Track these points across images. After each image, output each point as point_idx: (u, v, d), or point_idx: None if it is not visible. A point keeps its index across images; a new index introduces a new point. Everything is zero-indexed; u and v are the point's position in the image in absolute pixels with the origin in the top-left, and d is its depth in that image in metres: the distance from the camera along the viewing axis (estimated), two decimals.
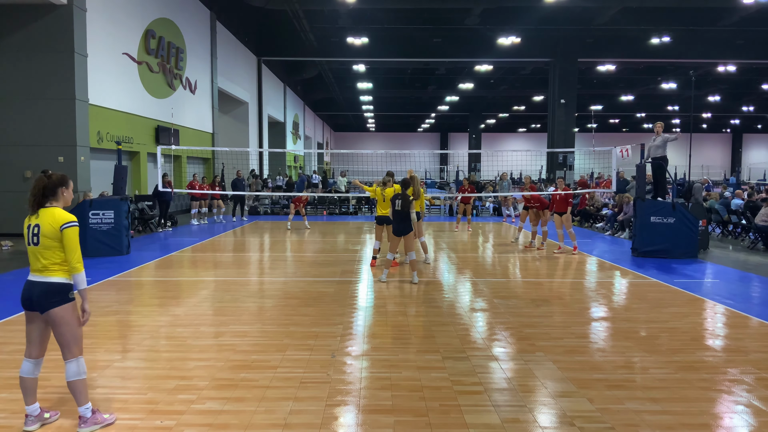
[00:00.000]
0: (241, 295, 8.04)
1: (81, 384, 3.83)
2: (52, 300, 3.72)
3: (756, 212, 13.41)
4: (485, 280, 9.30)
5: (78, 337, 3.85)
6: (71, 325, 3.79)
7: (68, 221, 3.72)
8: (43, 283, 3.72)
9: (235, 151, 22.12)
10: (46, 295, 3.71)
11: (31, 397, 3.88)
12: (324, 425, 3.97)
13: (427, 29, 30.28)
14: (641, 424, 3.99)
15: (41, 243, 3.71)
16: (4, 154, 13.97)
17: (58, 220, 3.71)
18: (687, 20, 27.90)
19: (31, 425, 3.86)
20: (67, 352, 3.81)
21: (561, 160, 31.94)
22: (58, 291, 3.73)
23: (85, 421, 3.83)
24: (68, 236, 3.70)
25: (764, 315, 7.01)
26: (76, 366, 3.81)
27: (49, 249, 3.72)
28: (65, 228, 3.70)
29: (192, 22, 22.31)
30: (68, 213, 3.81)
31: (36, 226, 3.73)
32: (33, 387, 3.90)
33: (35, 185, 3.79)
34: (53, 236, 3.71)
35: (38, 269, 3.75)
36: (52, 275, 3.73)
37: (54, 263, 3.74)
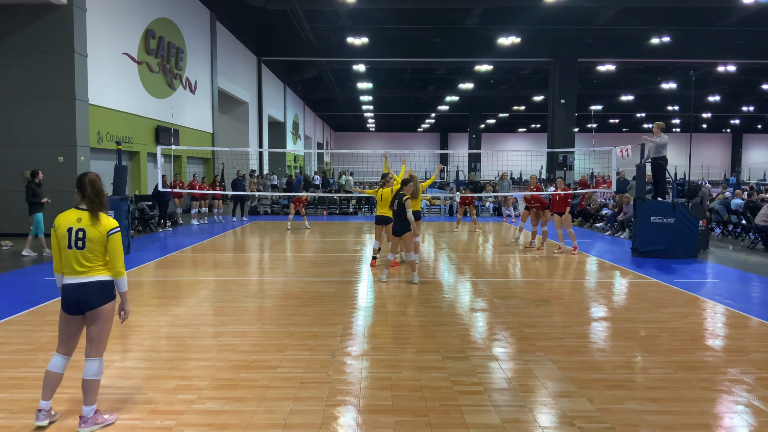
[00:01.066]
0: (241, 295, 8.04)
1: (96, 384, 3.91)
2: (100, 297, 3.86)
3: (756, 212, 13.41)
4: (485, 280, 9.30)
5: (107, 337, 3.98)
6: (109, 323, 3.94)
7: (113, 227, 3.89)
8: (92, 282, 3.85)
9: (235, 151, 22.11)
10: (97, 293, 3.85)
11: (49, 393, 3.91)
12: (324, 425, 3.97)
13: (427, 29, 30.26)
14: (641, 424, 3.99)
15: (87, 247, 3.83)
16: (4, 154, 13.97)
17: (106, 226, 3.86)
18: (687, 20, 27.89)
19: (42, 420, 3.89)
20: (95, 349, 3.90)
21: (561, 160, 31.94)
22: (107, 288, 3.90)
23: (85, 421, 3.86)
24: (114, 241, 3.87)
25: (764, 315, 7.02)
26: (98, 366, 3.90)
27: (94, 252, 3.85)
28: (111, 234, 3.87)
29: (192, 22, 22.30)
30: (112, 219, 3.96)
31: (81, 230, 3.82)
32: (56, 383, 3.94)
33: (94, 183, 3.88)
34: (99, 241, 3.84)
35: (80, 272, 3.83)
36: (96, 274, 3.87)
37: (99, 264, 3.88)
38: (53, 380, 3.91)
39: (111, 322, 3.95)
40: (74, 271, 3.84)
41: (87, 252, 3.82)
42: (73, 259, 3.82)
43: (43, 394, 3.90)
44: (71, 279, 3.84)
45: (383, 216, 10.01)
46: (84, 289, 3.83)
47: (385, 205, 9.88)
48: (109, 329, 3.96)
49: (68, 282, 3.85)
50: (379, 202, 10.07)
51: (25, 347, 5.60)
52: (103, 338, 3.91)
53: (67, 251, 3.83)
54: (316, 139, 55.99)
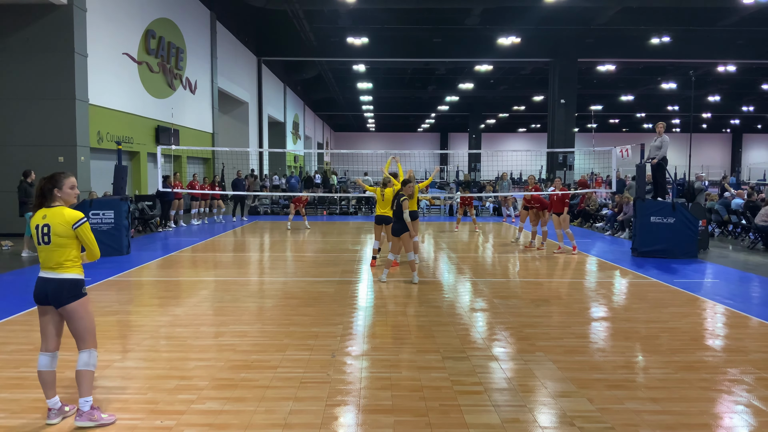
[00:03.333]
0: (241, 295, 8.04)
1: (88, 375, 3.93)
2: (67, 295, 3.86)
3: (756, 212, 13.41)
4: (485, 280, 9.30)
5: (92, 330, 3.99)
6: (85, 318, 3.94)
7: (77, 219, 3.88)
8: (57, 279, 3.86)
9: (235, 151, 22.11)
10: (61, 291, 3.85)
11: (50, 391, 3.97)
12: (324, 425, 3.97)
13: (427, 29, 30.26)
14: (641, 424, 3.99)
15: (53, 242, 3.84)
16: (4, 154, 13.97)
17: (69, 220, 3.86)
18: (687, 20, 27.88)
19: (54, 418, 3.94)
20: (82, 343, 3.95)
21: (561, 160, 31.93)
22: (72, 287, 3.89)
23: (81, 414, 3.89)
24: (82, 233, 3.90)
25: (764, 315, 7.01)
26: (88, 356, 3.94)
27: (62, 247, 3.86)
28: (77, 227, 3.88)
29: (192, 22, 22.31)
30: (76, 211, 3.95)
31: (45, 226, 3.85)
32: (51, 380, 3.97)
33: (36, 186, 3.97)
34: (66, 234, 3.86)
35: (51, 267, 3.88)
36: (66, 272, 3.88)
37: (67, 260, 3.88)
38: (47, 378, 3.95)
39: (86, 317, 3.94)
40: (45, 266, 3.90)
41: (54, 246, 3.84)
42: (43, 254, 3.88)
43: (45, 394, 3.97)
44: (44, 273, 3.90)
45: (383, 216, 10.01)
46: (50, 285, 3.86)
47: (387, 204, 9.89)
48: (90, 322, 3.96)
49: (41, 275, 3.91)
50: (380, 202, 10.06)
51: (25, 347, 5.60)
52: (84, 333, 3.93)
53: (38, 248, 3.90)
54: (316, 139, 55.99)
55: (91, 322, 3.98)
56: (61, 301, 3.86)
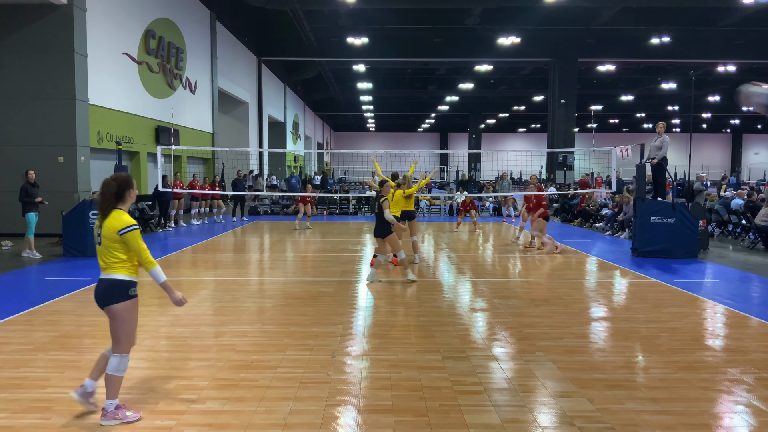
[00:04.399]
0: (241, 295, 8.04)
1: (116, 380, 3.97)
2: (112, 296, 3.90)
3: (756, 212, 13.41)
4: (485, 280, 9.30)
5: (130, 335, 4.00)
6: (126, 322, 3.95)
7: (125, 227, 3.88)
8: (105, 279, 3.94)
9: (235, 151, 22.12)
10: (107, 291, 3.91)
11: (95, 373, 4.08)
12: (324, 425, 3.97)
13: (427, 29, 30.25)
14: (641, 424, 3.99)
15: (103, 243, 3.94)
16: (4, 154, 13.97)
17: (117, 225, 3.90)
18: (687, 20, 27.88)
19: (76, 395, 4.03)
20: (116, 346, 3.98)
21: (561, 160, 31.93)
22: (116, 288, 3.92)
23: (105, 414, 3.95)
24: (129, 240, 3.89)
25: (764, 315, 7.01)
26: (118, 362, 3.96)
27: (109, 249, 3.93)
28: (123, 234, 3.88)
29: (192, 22, 22.30)
30: (129, 218, 3.97)
31: (101, 227, 3.96)
32: (102, 368, 4.06)
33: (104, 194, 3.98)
34: (112, 238, 3.91)
35: (102, 267, 3.98)
36: (112, 272, 3.93)
37: (113, 261, 3.93)
38: (100, 362, 4.08)
39: (127, 322, 3.95)
40: (100, 267, 4.00)
41: (103, 248, 3.93)
42: (98, 254, 4.02)
43: (91, 373, 4.11)
44: (100, 274, 4.00)
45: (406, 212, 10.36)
46: (100, 285, 3.96)
47: (396, 205, 10.04)
48: (127, 329, 3.96)
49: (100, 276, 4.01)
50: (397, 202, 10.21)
51: (25, 347, 5.60)
52: (120, 337, 3.95)
53: (97, 247, 4.01)
54: (316, 139, 55.98)
55: (130, 328, 3.97)
56: (104, 301, 3.92)
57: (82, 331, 6.20)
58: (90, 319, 6.68)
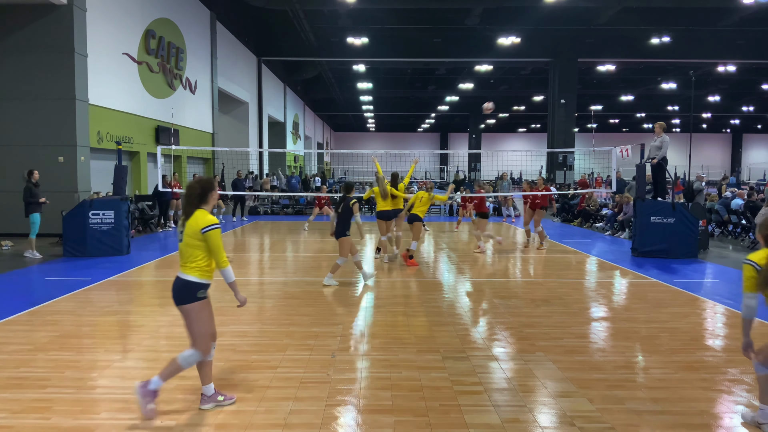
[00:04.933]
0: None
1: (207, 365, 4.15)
2: (183, 297, 4.03)
3: (756, 212, 13.41)
4: (485, 280, 9.30)
5: (202, 335, 4.08)
6: (196, 322, 4.06)
7: (208, 225, 3.97)
8: (179, 279, 4.06)
9: (235, 151, 22.11)
10: (179, 290, 4.04)
11: (206, 378, 4.20)
12: (324, 425, 3.97)
13: (427, 29, 30.24)
14: (641, 424, 3.99)
15: (184, 241, 4.04)
16: (4, 154, 13.97)
17: (200, 223, 3.98)
18: (687, 20, 27.88)
19: (205, 404, 4.17)
20: (192, 342, 4.10)
21: (561, 160, 31.94)
22: (187, 288, 4.02)
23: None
24: (210, 239, 3.97)
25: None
26: (190, 354, 4.07)
27: (189, 247, 4.01)
28: (206, 231, 3.97)
29: (192, 22, 22.30)
30: (211, 217, 4.07)
31: (183, 226, 4.08)
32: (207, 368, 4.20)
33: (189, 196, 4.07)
34: (195, 236, 3.99)
35: (180, 264, 4.10)
36: (187, 273, 4.03)
37: (190, 262, 4.02)
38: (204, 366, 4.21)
39: (198, 322, 4.05)
40: (180, 264, 4.10)
41: (184, 246, 4.03)
42: (179, 251, 4.12)
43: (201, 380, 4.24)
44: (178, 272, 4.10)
45: (415, 215, 10.65)
46: (175, 284, 4.08)
47: (424, 204, 10.64)
48: (199, 329, 4.06)
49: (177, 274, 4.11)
50: (417, 203, 10.67)
51: (25, 347, 5.60)
52: (194, 334, 4.06)
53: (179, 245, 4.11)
54: (316, 139, 55.97)
55: (202, 327, 4.07)
56: (177, 300, 4.05)
57: (82, 331, 6.19)
58: (90, 319, 6.68)
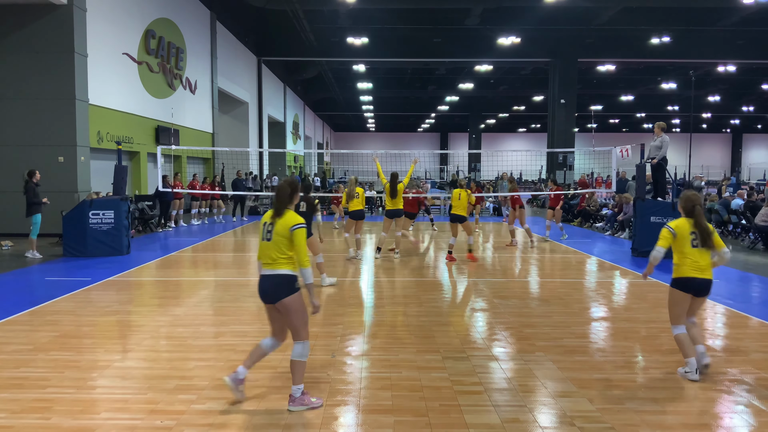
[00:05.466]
0: (241, 295, 8.03)
1: (301, 365, 4.24)
2: (283, 291, 4.16)
3: (756, 212, 13.41)
4: (485, 280, 9.30)
5: (305, 323, 4.27)
6: (299, 312, 4.22)
7: (296, 224, 4.17)
8: (273, 275, 4.18)
9: (235, 151, 22.12)
10: (277, 286, 4.17)
11: (249, 362, 4.35)
12: (324, 425, 3.97)
13: (427, 29, 30.24)
14: (641, 424, 3.99)
15: (273, 239, 4.18)
16: (4, 154, 13.97)
17: (289, 222, 4.17)
18: (687, 20, 27.88)
19: (231, 382, 4.27)
20: (296, 335, 4.25)
21: (561, 160, 31.94)
22: (286, 282, 4.18)
23: (293, 400, 4.22)
24: (298, 237, 4.15)
25: (764, 315, 7.01)
26: (302, 348, 4.23)
27: (278, 244, 4.18)
28: (294, 229, 4.15)
29: (192, 22, 22.30)
30: (298, 216, 4.25)
31: (271, 224, 4.21)
32: (257, 357, 4.38)
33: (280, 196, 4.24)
34: (284, 234, 4.16)
35: (267, 262, 4.22)
36: (281, 268, 4.17)
37: (282, 257, 4.17)
38: (256, 353, 4.38)
39: (300, 312, 4.20)
40: (264, 262, 4.24)
41: (273, 244, 4.17)
42: (264, 250, 4.23)
43: (245, 362, 4.36)
44: (265, 270, 4.24)
45: (458, 215, 10.83)
46: (270, 281, 4.19)
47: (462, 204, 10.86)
48: (302, 318, 4.22)
49: (263, 273, 4.26)
50: (456, 201, 10.91)
51: (25, 347, 5.60)
52: (298, 326, 4.22)
53: (262, 243, 4.25)
54: (316, 139, 55.97)
55: (304, 316, 4.25)
56: (277, 296, 4.16)
57: (82, 331, 6.19)
58: (90, 319, 6.68)
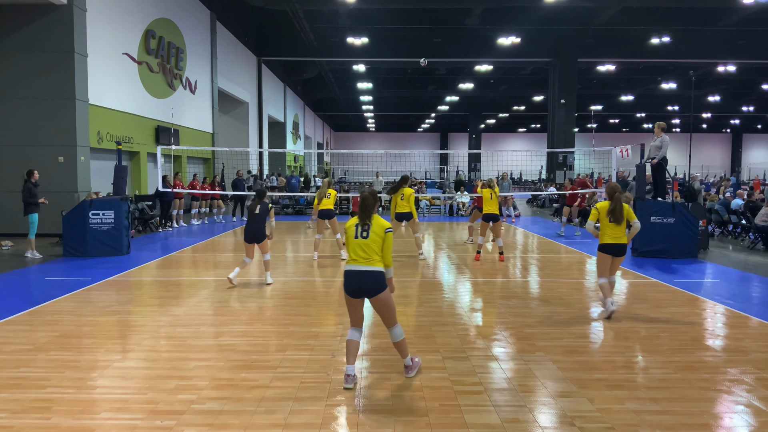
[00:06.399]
0: (241, 295, 8.04)
1: (404, 342, 4.83)
2: (380, 285, 4.66)
3: (756, 212, 13.41)
4: (485, 280, 9.30)
5: (394, 310, 4.81)
6: (392, 302, 4.78)
7: (389, 227, 4.76)
8: (370, 271, 4.64)
9: (235, 151, 22.12)
10: (377, 281, 4.64)
11: (352, 358, 4.69)
12: (324, 425, 3.97)
13: (427, 29, 30.25)
14: (641, 424, 3.99)
15: (370, 237, 4.68)
16: (3, 154, 13.97)
17: (383, 225, 4.75)
18: (687, 20, 27.88)
19: (350, 383, 4.60)
20: (391, 321, 4.77)
21: (561, 160, 31.94)
22: (382, 278, 4.69)
23: (409, 369, 4.85)
24: (389, 239, 4.74)
25: (764, 315, 7.01)
26: (398, 330, 4.80)
27: (374, 243, 4.68)
28: (388, 232, 4.75)
29: (192, 22, 22.30)
30: (386, 221, 4.82)
31: (367, 225, 4.71)
32: (356, 350, 4.72)
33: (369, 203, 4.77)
34: (380, 234, 4.70)
35: (362, 257, 4.67)
36: (376, 265, 4.67)
37: (376, 255, 4.68)
38: (353, 348, 4.72)
39: (392, 301, 4.75)
40: (358, 259, 4.67)
41: (369, 241, 4.66)
42: (357, 247, 4.69)
43: (347, 360, 4.69)
44: (358, 266, 4.66)
45: (492, 214, 11.06)
46: (369, 277, 4.63)
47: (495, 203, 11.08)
48: (393, 305, 4.76)
49: (356, 268, 4.67)
50: (488, 201, 11.10)
51: (25, 347, 5.60)
52: (391, 313, 4.75)
53: (353, 241, 4.71)
54: (316, 139, 55.97)
55: (393, 305, 4.80)
56: (376, 291, 4.63)
57: (82, 331, 6.20)
58: (90, 319, 6.68)
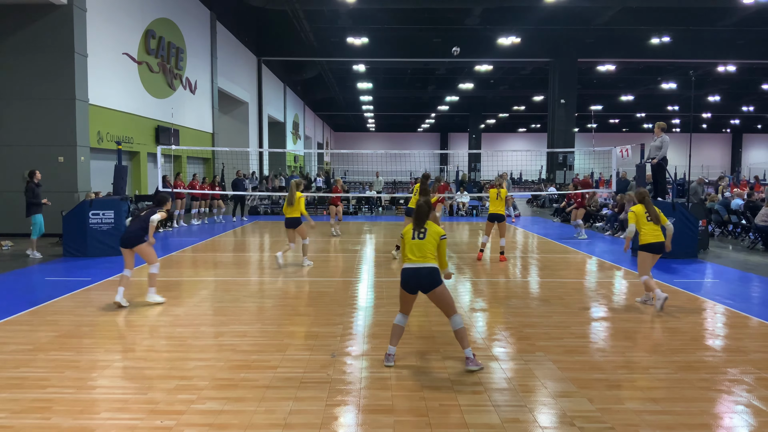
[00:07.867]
0: (241, 295, 8.04)
1: (464, 330, 5.08)
2: (436, 278, 5.02)
3: (756, 212, 13.41)
4: (485, 280, 9.30)
5: (452, 300, 5.15)
6: (447, 293, 5.10)
7: (444, 234, 5.16)
8: (427, 267, 5.03)
9: (235, 151, 22.12)
10: (434, 277, 5.01)
11: (396, 340, 5.17)
12: (324, 425, 3.97)
13: (427, 29, 30.25)
14: (641, 424, 3.99)
15: (426, 239, 5.08)
16: (4, 154, 13.98)
17: (439, 231, 5.15)
18: (687, 20, 27.88)
19: (390, 362, 5.08)
20: (452, 310, 5.08)
21: (561, 160, 31.95)
22: (438, 273, 5.06)
23: (471, 361, 5.00)
24: (443, 245, 5.15)
25: (764, 315, 7.01)
26: (459, 318, 5.07)
27: (430, 244, 5.08)
28: (443, 239, 5.14)
29: (192, 22, 22.30)
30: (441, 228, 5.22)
31: (424, 230, 5.12)
32: (400, 333, 5.19)
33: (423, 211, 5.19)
34: (436, 239, 5.11)
35: (421, 255, 5.06)
36: (433, 262, 5.07)
37: (431, 254, 5.07)
38: (398, 331, 5.18)
39: (447, 292, 5.07)
40: (415, 258, 5.05)
41: (426, 242, 5.06)
42: (416, 247, 5.07)
43: (390, 341, 5.18)
44: (415, 264, 5.04)
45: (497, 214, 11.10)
46: (422, 272, 5.01)
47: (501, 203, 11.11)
48: (450, 297, 5.09)
49: (413, 266, 5.05)
50: (494, 201, 11.18)
51: (25, 347, 5.60)
52: (450, 303, 5.08)
53: (410, 242, 5.10)
54: (316, 139, 55.97)
55: (450, 295, 5.13)
56: (432, 285, 4.99)
57: (82, 331, 6.20)
58: (90, 319, 6.68)
